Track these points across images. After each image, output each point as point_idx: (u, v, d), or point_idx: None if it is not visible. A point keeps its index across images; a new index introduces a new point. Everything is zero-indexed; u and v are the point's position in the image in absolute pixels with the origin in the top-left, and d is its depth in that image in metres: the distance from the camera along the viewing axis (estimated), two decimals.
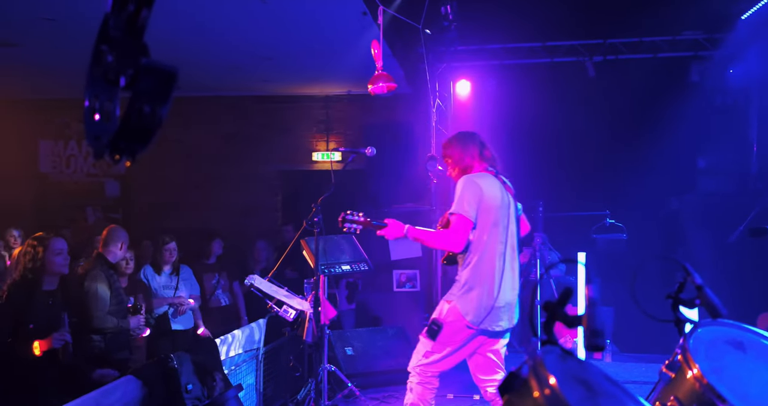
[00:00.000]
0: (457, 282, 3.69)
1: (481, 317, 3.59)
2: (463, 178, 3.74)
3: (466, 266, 3.68)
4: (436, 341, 3.61)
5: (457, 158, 3.86)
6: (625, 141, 7.74)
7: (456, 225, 3.61)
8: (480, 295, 3.61)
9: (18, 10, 5.78)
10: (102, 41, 0.88)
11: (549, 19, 7.15)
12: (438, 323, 3.61)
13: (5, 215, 8.28)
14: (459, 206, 3.62)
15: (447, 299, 3.70)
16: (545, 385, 1.00)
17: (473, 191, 3.65)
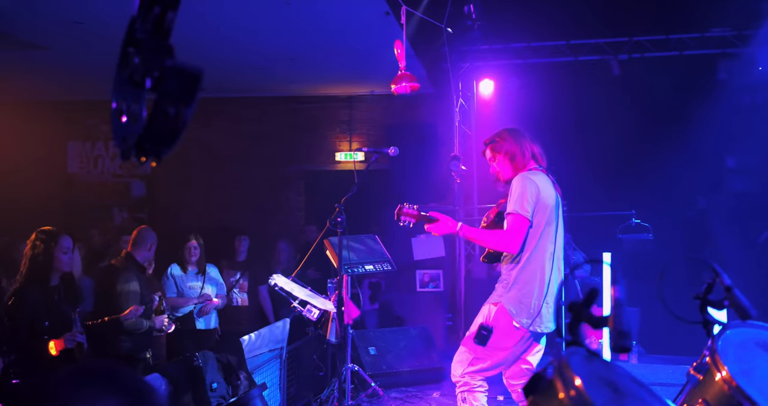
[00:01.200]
0: (504, 282, 3.60)
1: (532, 318, 3.50)
2: (520, 176, 3.63)
3: (515, 266, 3.57)
4: (486, 346, 3.50)
5: (510, 154, 3.72)
6: (651, 140, 7.64)
7: (514, 225, 3.52)
8: (530, 295, 3.52)
9: (48, 14, 5.87)
10: (129, 44, 0.89)
11: (573, 17, 7.09)
12: (487, 327, 3.49)
13: (35, 214, 8.42)
14: (518, 204, 3.52)
15: (492, 301, 3.60)
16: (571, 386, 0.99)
17: (531, 190, 3.57)
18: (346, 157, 9.34)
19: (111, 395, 0.99)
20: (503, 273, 3.65)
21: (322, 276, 6.65)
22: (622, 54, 7.49)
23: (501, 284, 3.63)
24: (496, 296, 3.61)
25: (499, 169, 3.78)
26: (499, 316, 3.52)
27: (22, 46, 6.87)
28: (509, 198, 3.59)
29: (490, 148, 3.79)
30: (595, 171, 7.98)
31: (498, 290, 3.62)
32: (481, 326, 3.51)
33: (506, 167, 3.75)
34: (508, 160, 3.73)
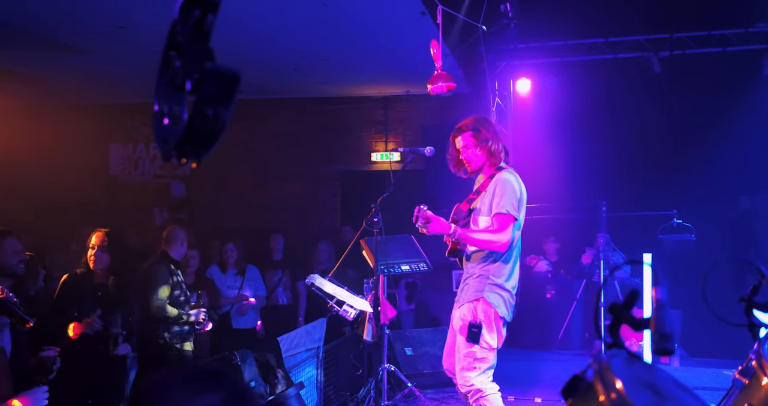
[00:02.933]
0: (480, 277, 3.64)
1: (510, 311, 3.64)
2: (508, 175, 3.66)
3: (491, 261, 3.63)
4: (479, 343, 3.55)
5: (490, 147, 3.70)
6: (692, 138, 7.48)
7: (506, 225, 3.56)
8: (507, 288, 3.64)
9: (91, 20, 6.02)
10: (170, 47, 0.90)
11: (612, 13, 6.98)
12: (476, 324, 3.55)
13: (78, 215, 8.64)
14: (510, 205, 3.57)
15: (471, 298, 3.63)
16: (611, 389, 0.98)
17: (520, 190, 3.64)
18: (381, 157, 9.35)
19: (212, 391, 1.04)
20: (475, 269, 3.67)
21: (358, 276, 6.67)
22: (663, 51, 7.34)
23: (476, 279, 3.65)
24: (473, 292, 3.63)
25: (471, 159, 3.75)
26: (485, 310, 3.59)
27: (66, 51, 7.06)
28: (495, 196, 3.60)
29: (472, 136, 3.74)
30: (634, 171, 7.85)
31: (474, 286, 3.64)
32: (470, 324, 3.56)
33: (480, 158, 3.74)
34: (486, 152, 3.72)
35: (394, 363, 5.29)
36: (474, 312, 3.60)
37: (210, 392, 1.05)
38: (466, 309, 3.64)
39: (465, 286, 3.72)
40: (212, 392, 1.04)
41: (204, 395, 1.04)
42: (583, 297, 7.46)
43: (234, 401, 1.05)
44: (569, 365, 6.57)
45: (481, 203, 3.70)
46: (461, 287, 3.78)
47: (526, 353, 7.08)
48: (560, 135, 7.67)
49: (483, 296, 3.60)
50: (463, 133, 3.78)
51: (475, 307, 3.61)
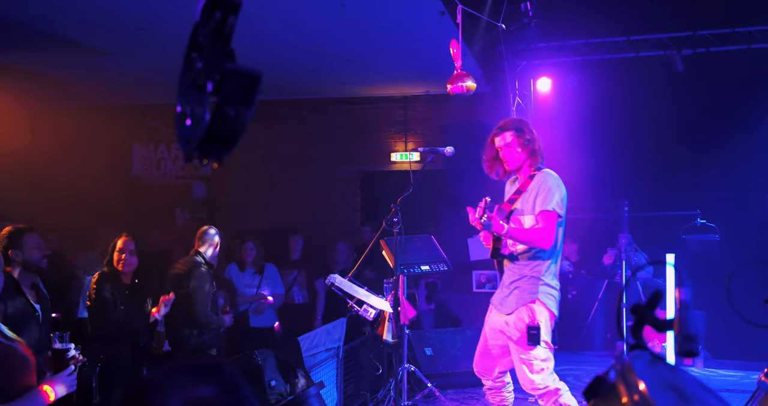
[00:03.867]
0: (532, 278, 3.63)
1: (558, 310, 3.66)
2: (549, 174, 3.71)
3: (540, 262, 3.64)
4: (540, 344, 3.54)
5: (532, 148, 3.73)
6: (716, 137, 7.38)
7: (551, 222, 3.58)
8: (556, 287, 3.67)
9: (114, 22, 6.09)
10: (192, 49, 0.91)
11: (633, 11, 6.91)
12: (535, 326, 3.53)
13: (101, 215, 8.74)
14: (555, 202, 3.60)
15: (526, 301, 3.62)
16: (634, 390, 0.97)
17: (563, 189, 3.67)
18: (401, 157, 9.35)
19: (206, 384, 1.07)
20: (524, 270, 3.67)
21: (378, 276, 6.68)
22: (686, 49, 7.25)
23: (527, 281, 3.64)
24: (527, 295, 3.63)
25: (510, 158, 3.76)
26: (541, 311, 3.59)
27: (90, 53, 7.15)
28: (539, 194, 3.62)
29: (515, 135, 3.73)
30: (657, 170, 7.77)
31: (527, 288, 3.63)
32: (529, 327, 3.55)
33: (520, 158, 3.75)
34: (527, 152, 3.74)
35: (414, 363, 5.29)
36: (531, 314, 3.58)
37: (204, 384, 1.07)
38: (524, 312, 3.61)
39: (515, 289, 3.68)
40: (206, 385, 1.06)
41: (198, 387, 1.06)
42: (604, 298, 7.40)
43: (227, 395, 1.07)
44: (591, 366, 6.51)
45: (522, 203, 3.71)
46: (508, 290, 3.72)
47: None
48: (581, 134, 7.60)
49: (538, 297, 3.60)
50: (505, 131, 3.78)
51: (532, 309, 3.60)
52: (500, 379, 3.89)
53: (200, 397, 1.04)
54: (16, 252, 3.63)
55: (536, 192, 3.65)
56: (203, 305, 4.75)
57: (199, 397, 1.04)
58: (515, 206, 3.74)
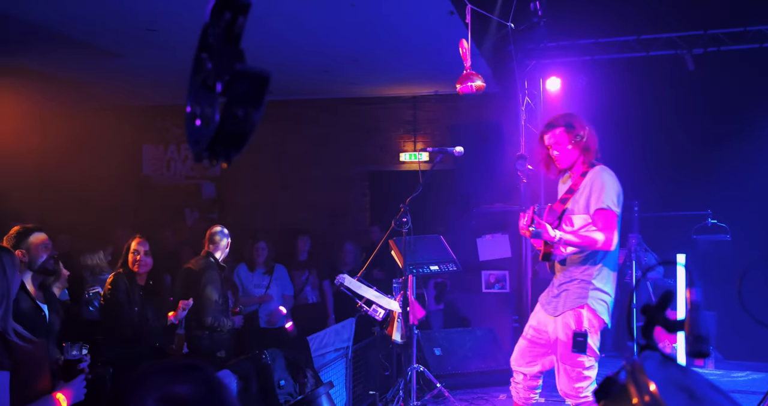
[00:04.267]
0: (582, 282, 3.46)
1: (610, 316, 3.49)
2: (604, 171, 3.51)
3: (591, 264, 3.46)
4: (586, 352, 3.39)
5: (585, 145, 3.51)
6: (727, 137, 7.33)
7: (609, 222, 3.39)
8: (609, 293, 3.48)
9: (124, 23, 6.12)
10: (202, 49, 0.92)
11: (643, 10, 6.88)
12: (582, 332, 3.38)
13: (112, 216, 8.79)
14: (611, 200, 3.39)
15: (574, 306, 3.46)
16: (645, 391, 0.96)
17: (617, 186, 3.48)
18: (410, 157, 9.35)
19: (184, 383, 1.08)
20: (575, 273, 3.49)
21: (386, 276, 6.68)
22: (697, 48, 7.20)
23: (577, 285, 3.47)
24: (575, 299, 3.45)
25: (561, 156, 3.57)
26: (589, 318, 3.43)
27: (99, 54, 7.18)
28: (593, 192, 3.42)
29: (565, 132, 3.53)
30: (667, 170, 7.72)
31: (576, 292, 3.46)
32: (575, 334, 3.38)
33: (572, 155, 3.56)
34: (579, 150, 3.53)
35: (423, 363, 5.29)
36: (578, 320, 3.43)
37: (181, 382, 1.08)
38: (569, 317, 3.46)
39: (563, 292, 3.52)
40: (183, 383, 1.08)
41: (174, 385, 1.07)
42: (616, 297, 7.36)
43: (203, 394, 1.08)
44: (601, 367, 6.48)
45: (573, 202, 3.52)
46: (556, 291, 3.57)
47: None
48: None
49: (587, 302, 3.43)
50: (555, 128, 3.58)
51: (580, 314, 3.44)
52: (536, 378, 3.77)
53: (176, 394, 1.05)
54: (23, 252, 3.64)
55: (589, 190, 3.45)
56: (214, 308, 4.76)
57: (174, 394, 1.05)
58: (567, 206, 3.54)
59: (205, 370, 1.12)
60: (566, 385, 3.48)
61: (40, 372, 2.52)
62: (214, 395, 1.10)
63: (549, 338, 3.61)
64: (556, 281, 3.61)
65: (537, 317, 3.73)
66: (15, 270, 2.60)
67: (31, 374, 2.46)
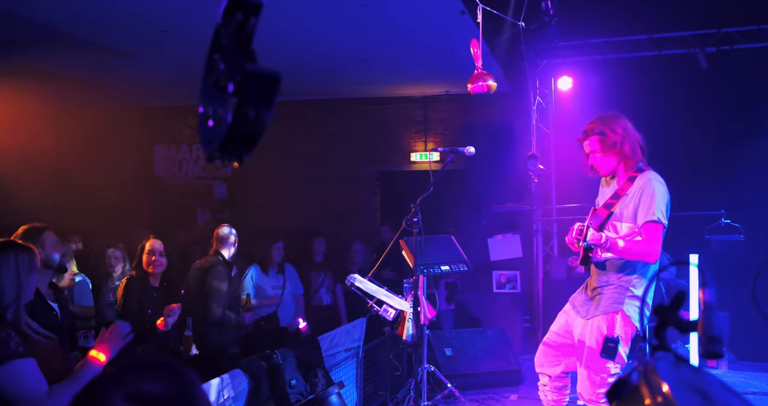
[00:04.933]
0: (619, 288, 3.41)
1: (645, 324, 3.42)
2: (654, 179, 3.43)
3: (630, 271, 3.41)
4: (615, 359, 3.32)
5: (622, 151, 3.43)
6: (741, 136, 7.27)
7: (655, 235, 3.32)
8: (646, 301, 3.42)
9: (137, 24, 6.15)
10: (214, 50, 0.92)
11: (656, 9, 6.84)
12: (613, 338, 3.32)
13: (125, 216, 8.84)
14: (661, 212, 3.34)
15: (608, 310, 3.40)
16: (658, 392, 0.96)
17: (666, 195, 3.41)
18: (421, 157, 9.34)
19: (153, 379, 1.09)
20: (612, 278, 3.44)
21: (397, 276, 6.68)
22: (710, 47, 7.16)
23: (614, 290, 3.42)
24: (611, 304, 3.39)
25: (599, 164, 3.51)
26: (624, 324, 3.38)
27: (112, 55, 7.23)
28: (642, 201, 3.35)
29: (598, 140, 3.48)
30: (680, 170, 7.65)
31: (612, 297, 3.40)
32: (606, 339, 3.33)
33: (610, 163, 3.49)
34: (617, 157, 3.47)
35: (433, 364, 5.28)
36: (611, 325, 3.38)
37: (149, 379, 1.08)
38: (602, 321, 3.40)
39: (598, 295, 3.46)
40: (151, 380, 1.08)
41: (142, 382, 1.07)
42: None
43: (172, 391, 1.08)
44: None
45: (621, 207, 3.45)
46: (591, 294, 3.52)
47: None
48: None
49: (623, 309, 3.38)
50: (590, 137, 3.54)
51: (613, 319, 3.38)
52: (562, 379, 3.73)
53: (143, 391, 1.05)
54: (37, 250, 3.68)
55: (638, 198, 3.37)
56: (220, 304, 4.79)
57: (142, 391, 1.05)
58: (613, 211, 3.47)
59: (175, 368, 1.12)
60: (587, 389, 3.44)
61: (54, 367, 2.55)
62: (183, 393, 1.09)
63: (573, 341, 3.57)
64: (590, 283, 3.56)
65: (565, 317, 3.67)
66: (32, 271, 2.64)
67: (45, 368, 2.49)
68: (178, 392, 1.08)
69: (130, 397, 1.04)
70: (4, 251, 2.58)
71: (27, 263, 2.61)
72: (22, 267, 2.58)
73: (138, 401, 1.04)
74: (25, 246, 2.70)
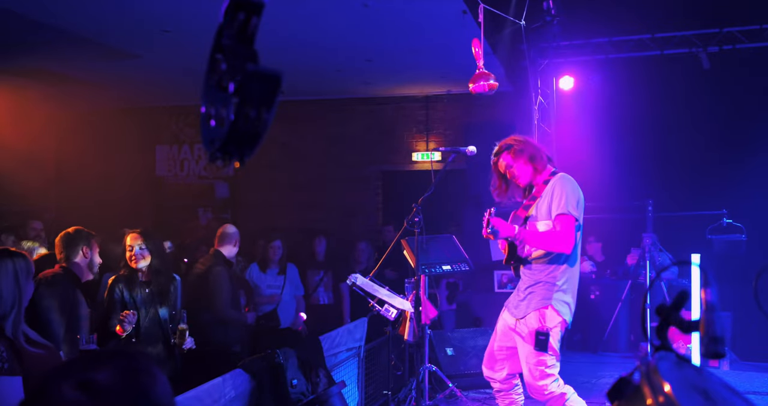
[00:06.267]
0: (547, 284, 3.62)
1: (572, 317, 3.65)
2: (563, 177, 3.69)
3: (557, 266, 3.63)
4: (548, 351, 3.54)
5: (531, 157, 3.72)
6: (743, 136, 7.27)
7: (568, 226, 3.55)
8: (572, 293, 3.65)
9: (139, 23, 6.16)
10: (216, 50, 0.92)
11: (658, 8, 6.83)
12: (544, 332, 3.54)
13: (127, 215, 8.85)
14: (571, 206, 3.56)
15: (539, 306, 3.61)
16: (659, 392, 0.95)
17: (578, 192, 3.64)
18: (423, 157, 9.34)
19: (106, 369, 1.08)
20: (540, 275, 3.65)
21: (399, 276, 6.68)
22: (712, 46, 7.14)
23: (542, 287, 3.63)
24: (540, 300, 3.61)
25: (518, 174, 3.76)
26: (552, 318, 3.58)
27: (116, 56, 7.24)
28: (554, 198, 3.59)
29: (510, 153, 3.76)
30: (682, 169, 7.67)
31: (541, 293, 3.62)
32: (537, 332, 3.55)
33: (526, 171, 3.75)
34: (530, 163, 3.73)
35: (435, 363, 5.28)
36: (542, 320, 3.58)
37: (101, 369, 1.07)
38: (533, 318, 3.61)
39: (529, 294, 3.68)
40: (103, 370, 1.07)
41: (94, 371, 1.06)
42: (628, 298, 7.33)
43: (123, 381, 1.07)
44: (615, 368, 6.45)
45: (536, 209, 3.69)
46: (522, 295, 3.72)
47: (570, 355, 6.98)
48: (605, 133, 7.54)
49: (551, 303, 3.59)
50: (500, 154, 3.82)
51: (543, 314, 3.59)
52: (509, 381, 3.90)
53: (94, 380, 1.05)
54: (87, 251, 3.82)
55: (551, 196, 3.62)
56: (222, 300, 4.79)
57: (92, 380, 1.04)
58: (530, 212, 3.72)
59: (131, 357, 1.12)
60: (532, 385, 3.63)
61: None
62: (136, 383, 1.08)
63: (513, 342, 3.77)
64: (521, 285, 3.77)
65: (502, 322, 3.88)
66: (29, 277, 2.64)
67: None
68: (131, 383, 1.08)
69: (80, 386, 1.04)
70: (2, 258, 2.58)
71: (25, 270, 2.61)
72: (21, 274, 2.58)
73: (88, 390, 1.03)
74: (21, 253, 2.69)
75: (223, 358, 4.61)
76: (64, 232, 4.00)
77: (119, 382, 1.06)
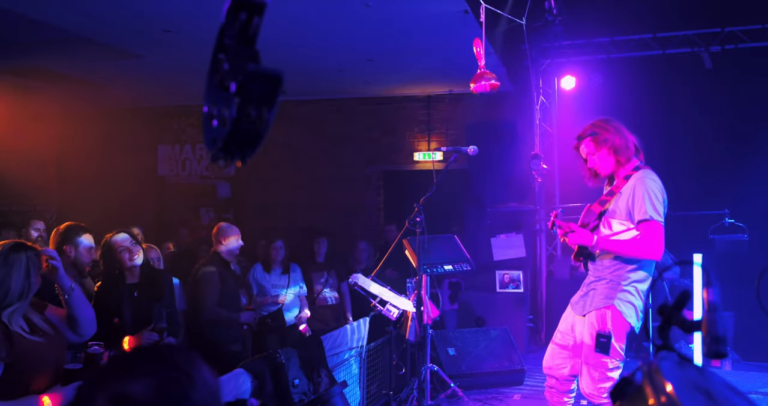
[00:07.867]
0: (611, 282, 3.41)
1: (640, 319, 3.41)
2: (646, 176, 3.42)
3: (625, 265, 3.40)
4: (609, 354, 3.34)
5: (615, 148, 3.46)
6: (745, 135, 7.25)
7: (655, 232, 3.31)
8: (639, 296, 3.41)
9: (141, 23, 6.16)
10: (218, 50, 0.92)
11: (660, 8, 6.82)
12: (605, 334, 3.32)
13: (129, 216, 8.85)
14: (655, 210, 3.33)
15: (600, 306, 3.41)
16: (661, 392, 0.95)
17: (661, 191, 3.41)
18: (424, 157, 9.34)
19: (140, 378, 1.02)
20: (604, 273, 3.45)
21: (400, 276, 6.68)
22: (714, 46, 7.14)
23: (605, 285, 3.43)
24: (602, 299, 3.41)
25: (599, 164, 3.53)
26: (614, 319, 3.38)
27: (118, 56, 7.24)
28: (636, 199, 3.36)
29: (591, 140, 3.53)
30: (684, 169, 7.65)
31: (604, 292, 3.42)
32: (598, 334, 3.34)
33: (608, 162, 3.51)
34: (612, 154, 3.49)
35: (437, 363, 5.28)
36: (603, 321, 3.39)
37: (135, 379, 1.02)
38: (594, 316, 3.42)
39: (591, 290, 3.49)
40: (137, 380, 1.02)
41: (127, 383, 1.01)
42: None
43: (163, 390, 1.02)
44: None
45: (615, 204, 3.45)
46: (585, 291, 3.55)
47: None
48: None
49: (613, 304, 3.38)
50: (583, 140, 3.60)
51: (605, 315, 3.39)
52: (567, 383, 3.72)
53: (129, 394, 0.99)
54: (70, 248, 3.70)
55: (632, 195, 3.38)
56: (209, 300, 4.79)
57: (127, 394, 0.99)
58: (607, 207, 3.47)
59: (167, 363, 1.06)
60: (589, 385, 3.45)
61: (40, 368, 2.54)
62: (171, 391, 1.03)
63: (576, 340, 3.58)
64: (586, 280, 3.59)
65: (566, 317, 3.70)
66: (38, 271, 2.66)
67: (29, 368, 2.48)
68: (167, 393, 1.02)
69: (114, 401, 0.99)
70: (18, 250, 2.61)
71: (37, 264, 2.64)
72: (33, 268, 2.60)
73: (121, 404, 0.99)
74: (34, 248, 2.71)
75: (214, 356, 4.60)
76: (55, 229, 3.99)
77: (154, 395, 1.00)
